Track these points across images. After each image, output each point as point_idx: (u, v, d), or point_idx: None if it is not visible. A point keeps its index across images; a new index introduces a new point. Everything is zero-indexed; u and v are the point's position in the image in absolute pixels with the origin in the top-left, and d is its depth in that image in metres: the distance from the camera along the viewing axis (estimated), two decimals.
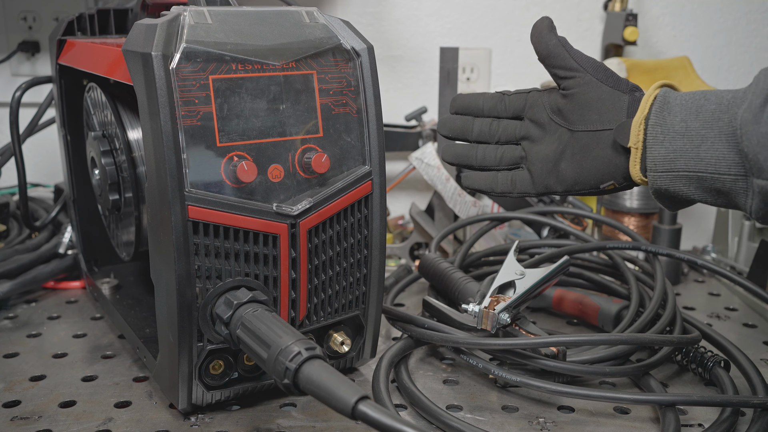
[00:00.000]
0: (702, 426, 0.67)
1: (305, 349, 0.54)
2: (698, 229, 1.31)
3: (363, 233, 0.70)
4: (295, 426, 0.66)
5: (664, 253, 0.89)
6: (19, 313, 0.91)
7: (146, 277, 0.77)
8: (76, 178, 0.94)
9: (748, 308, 0.96)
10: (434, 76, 1.24)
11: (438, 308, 0.78)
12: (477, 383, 0.75)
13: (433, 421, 0.66)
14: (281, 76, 0.64)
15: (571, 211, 0.99)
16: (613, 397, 0.67)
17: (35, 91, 1.00)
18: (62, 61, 0.87)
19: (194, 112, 0.60)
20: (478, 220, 0.99)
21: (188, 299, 0.61)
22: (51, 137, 1.09)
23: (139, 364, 0.78)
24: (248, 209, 0.62)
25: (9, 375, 0.75)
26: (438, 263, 0.87)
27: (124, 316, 0.83)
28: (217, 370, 0.66)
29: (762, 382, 0.70)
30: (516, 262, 0.78)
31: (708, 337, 0.79)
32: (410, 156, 1.05)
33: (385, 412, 0.48)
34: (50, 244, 1.01)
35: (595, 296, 0.88)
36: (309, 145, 0.65)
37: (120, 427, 0.66)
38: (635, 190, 1.09)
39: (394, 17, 1.26)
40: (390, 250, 1.07)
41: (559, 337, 0.69)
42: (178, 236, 0.60)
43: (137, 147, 0.78)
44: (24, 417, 0.67)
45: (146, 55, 0.58)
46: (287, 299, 0.66)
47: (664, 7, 1.26)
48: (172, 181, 0.59)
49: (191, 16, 0.61)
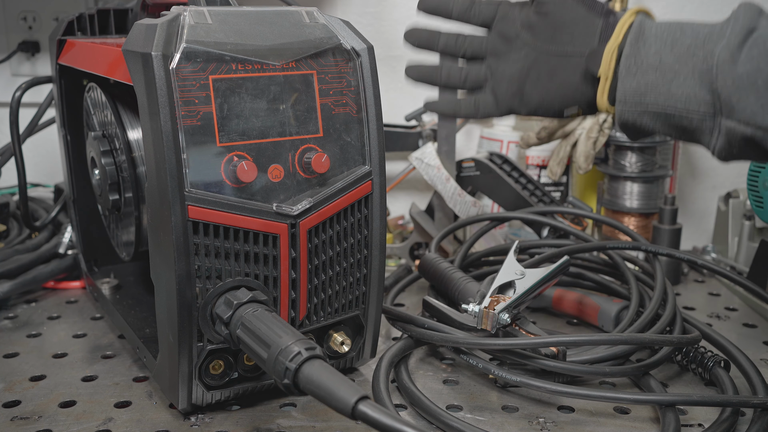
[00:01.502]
0: (702, 426, 0.67)
1: (305, 349, 0.54)
2: (698, 229, 1.31)
3: (363, 233, 0.70)
4: (295, 426, 0.66)
5: (664, 253, 0.89)
6: (19, 313, 0.91)
7: (146, 277, 0.77)
8: (76, 178, 0.94)
9: (748, 308, 0.96)
10: None
11: (438, 308, 0.78)
12: (477, 383, 0.75)
13: (433, 421, 0.66)
14: (281, 76, 0.64)
15: (571, 211, 0.99)
16: (613, 397, 0.67)
17: (35, 91, 1.00)
18: (62, 61, 0.87)
19: (194, 112, 0.60)
20: (478, 220, 0.99)
21: (188, 299, 0.61)
22: (51, 137, 1.09)
23: (139, 364, 0.78)
24: (248, 209, 0.62)
25: (9, 375, 0.75)
26: (438, 263, 0.87)
27: (124, 316, 0.83)
28: (217, 370, 0.66)
29: (762, 382, 0.70)
30: (516, 262, 0.78)
31: (708, 337, 0.79)
32: (410, 156, 1.05)
33: (385, 412, 0.48)
34: (50, 244, 1.01)
35: (595, 296, 0.88)
36: (309, 145, 0.65)
37: (120, 427, 0.66)
38: (635, 189, 1.09)
39: (394, 17, 1.26)
40: (390, 250, 1.07)
41: (559, 337, 0.69)
42: (178, 236, 0.60)
43: (137, 147, 0.78)
44: (24, 417, 0.67)
45: (146, 55, 0.58)
46: (287, 299, 0.66)
47: (664, 7, 1.26)
48: (172, 181, 0.59)
49: (191, 16, 0.61)
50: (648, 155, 1.08)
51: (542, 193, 1.08)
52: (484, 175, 1.07)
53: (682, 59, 0.60)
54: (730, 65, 0.56)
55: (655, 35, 0.62)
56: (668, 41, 0.61)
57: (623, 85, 0.62)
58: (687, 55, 0.59)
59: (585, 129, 1.07)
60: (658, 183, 1.10)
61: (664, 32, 0.62)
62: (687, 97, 0.59)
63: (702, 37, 0.60)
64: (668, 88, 0.60)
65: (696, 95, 0.59)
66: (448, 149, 1.05)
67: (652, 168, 1.09)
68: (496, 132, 1.19)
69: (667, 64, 0.60)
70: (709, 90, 0.58)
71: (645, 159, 1.08)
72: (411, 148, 1.14)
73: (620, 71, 0.63)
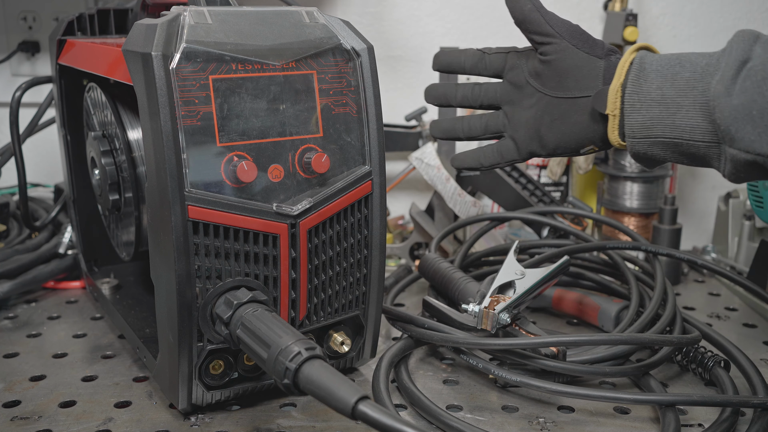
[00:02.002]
0: (702, 426, 0.67)
1: (305, 349, 0.54)
2: (698, 229, 1.31)
3: (363, 233, 0.70)
4: (295, 426, 0.66)
5: (664, 253, 0.89)
6: (19, 313, 0.91)
7: (146, 277, 0.77)
8: (76, 178, 0.94)
9: (748, 308, 0.96)
10: (434, 76, 1.24)
11: (438, 308, 0.78)
12: (477, 383, 0.75)
13: (433, 421, 0.66)
14: (281, 76, 0.64)
15: (571, 211, 0.99)
16: (613, 397, 0.67)
17: (35, 91, 1.00)
18: (62, 61, 0.87)
19: (194, 112, 0.60)
20: (478, 220, 0.99)
21: (188, 299, 0.61)
22: (51, 137, 1.09)
23: (139, 364, 0.78)
24: (248, 209, 0.62)
25: (9, 375, 0.75)
26: (438, 263, 0.87)
27: (124, 316, 0.83)
28: (217, 370, 0.66)
29: (762, 382, 0.70)
30: (516, 262, 0.78)
31: (708, 337, 0.79)
32: (410, 156, 1.05)
33: (385, 412, 0.48)
34: (50, 244, 1.01)
35: (595, 296, 0.88)
36: (309, 145, 0.65)
37: (120, 427, 0.66)
38: (635, 189, 1.09)
39: (394, 17, 1.26)
40: (390, 250, 1.07)
41: (559, 337, 0.69)
42: (178, 236, 0.60)
43: (137, 147, 0.78)
44: (24, 417, 0.67)
45: (146, 55, 0.58)
46: (287, 299, 0.66)
47: (664, 7, 1.26)
48: (172, 181, 0.59)
49: (191, 16, 0.61)
50: None
51: (542, 193, 1.08)
52: (484, 175, 1.07)
53: (682, 92, 0.62)
54: (726, 98, 0.59)
55: (656, 70, 0.64)
56: (668, 75, 0.63)
57: (630, 121, 0.65)
58: (687, 88, 0.62)
59: None
60: (658, 183, 1.10)
61: (664, 67, 0.64)
62: (691, 128, 0.62)
63: (700, 70, 0.62)
64: (673, 120, 0.63)
65: (699, 126, 0.61)
66: (448, 149, 1.05)
67: (652, 168, 1.09)
68: None
69: (670, 98, 0.63)
70: (709, 121, 0.61)
71: None
72: (411, 148, 1.14)
73: (625, 108, 0.65)
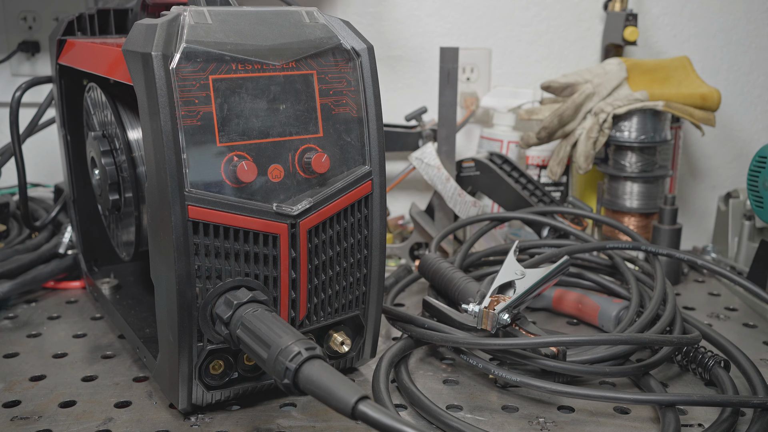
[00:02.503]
0: (702, 426, 0.67)
1: (305, 349, 0.54)
2: (698, 229, 1.31)
3: (363, 233, 0.70)
4: (295, 426, 0.66)
5: (664, 253, 0.89)
6: (19, 313, 0.91)
7: (146, 277, 0.77)
8: (76, 178, 0.94)
9: (748, 308, 0.96)
10: (434, 76, 1.24)
11: (438, 308, 0.78)
12: (477, 383, 0.75)
13: (433, 421, 0.66)
14: (281, 76, 0.64)
15: (571, 211, 0.99)
16: (613, 397, 0.67)
17: (35, 91, 1.00)
18: (62, 61, 0.87)
19: (194, 112, 0.60)
20: (478, 220, 0.99)
21: (188, 299, 0.61)
22: (51, 137, 1.09)
23: (139, 364, 0.78)
24: (248, 209, 0.62)
25: (9, 375, 0.75)
26: (438, 263, 0.87)
27: (124, 316, 0.83)
28: (217, 370, 0.66)
29: (762, 382, 0.70)
30: (516, 262, 0.78)
31: (708, 337, 0.79)
32: (410, 156, 1.05)
33: (385, 412, 0.48)
34: (50, 244, 1.01)
35: (595, 296, 0.88)
36: (309, 145, 0.65)
37: (120, 427, 0.66)
38: (635, 189, 1.09)
39: (394, 17, 1.26)
40: (390, 250, 1.07)
41: (559, 337, 0.69)
42: (178, 236, 0.60)
43: (137, 147, 0.78)
44: (24, 417, 0.67)
45: (146, 55, 0.58)
46: (287, 299, 0.66)
47: (664, 7, 1.26)
48: (172, 181, 0.59)
49: (191, 16, 0.61)
50: (648, 155, 1.08)
51: (542, 193, 1.08)
52: (484, 175, 1.07)
53: None
54: None
55: None
56: None
57: None
58: None
59: (585, 129, 1.07)
60: (658, 183, 1.10)
61: None
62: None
63: None
64: None
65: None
66: (448, 149, 1.05)
67: (652, 168, 1.09)
68: (496, 132, 1.19)
69: None
70: None
71: (645, 159, 1.08)
72: (411, 148, 1.14)
73: None
